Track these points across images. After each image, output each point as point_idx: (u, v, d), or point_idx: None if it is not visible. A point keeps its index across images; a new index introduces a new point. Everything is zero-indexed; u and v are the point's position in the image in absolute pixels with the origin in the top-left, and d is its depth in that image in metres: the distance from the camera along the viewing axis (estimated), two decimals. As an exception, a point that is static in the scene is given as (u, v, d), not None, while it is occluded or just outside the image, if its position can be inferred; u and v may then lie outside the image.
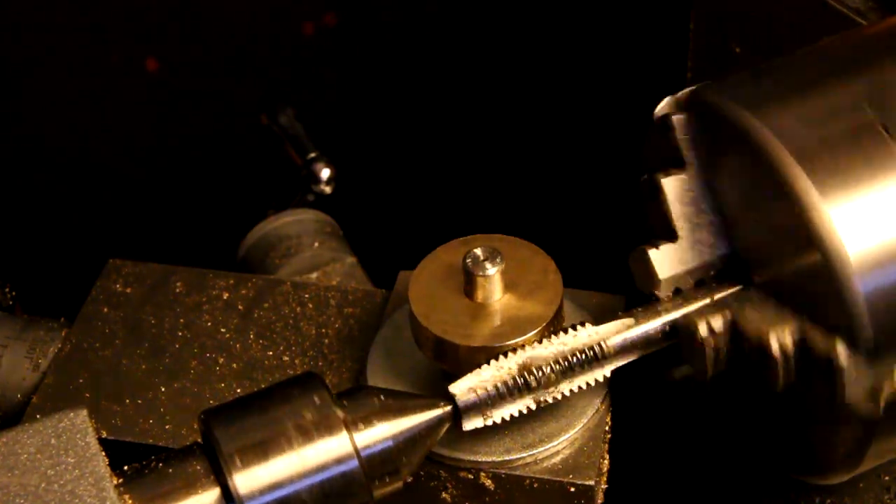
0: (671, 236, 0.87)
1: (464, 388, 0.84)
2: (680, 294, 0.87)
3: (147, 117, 1.65)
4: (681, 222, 0.87)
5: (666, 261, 0.87)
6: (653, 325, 0.87)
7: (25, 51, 1.56)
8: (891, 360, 0.79)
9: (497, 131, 1.74)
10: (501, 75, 1.72)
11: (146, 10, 1.58)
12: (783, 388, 0.83)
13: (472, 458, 0.89)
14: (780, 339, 0.82)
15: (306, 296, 1.05)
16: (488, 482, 0.90)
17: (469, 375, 0.85)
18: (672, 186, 0.87)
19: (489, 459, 0.89)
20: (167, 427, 0.96)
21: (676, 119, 0.87)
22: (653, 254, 0.87)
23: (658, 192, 0.87)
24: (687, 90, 0.88)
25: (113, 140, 1.65)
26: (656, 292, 0.87)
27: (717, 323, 0.85)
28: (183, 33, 1.61)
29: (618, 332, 0.87)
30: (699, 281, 0.88)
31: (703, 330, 0.84)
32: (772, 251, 0.84)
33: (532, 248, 0.93)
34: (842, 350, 0.79)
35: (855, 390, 0.80)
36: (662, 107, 0.89)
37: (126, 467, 0.78)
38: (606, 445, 0.92)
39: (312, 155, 1.39)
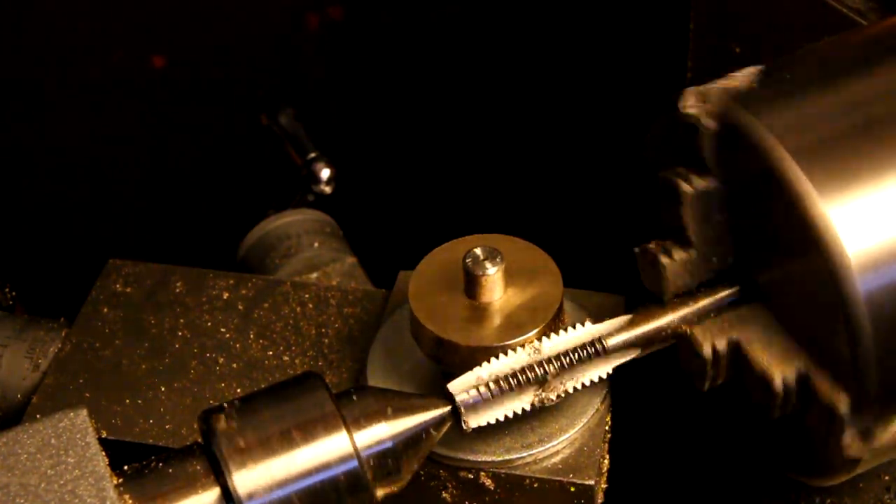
0: (684, 243, 0.86)
1: (463, 387, 0.84)
2: (681, 294, 0.87)
3: (147, 118, 1.65)
4: (697, 236, 0.86)
5: (677, 272, 0.86)
6: (654, 325, 0.87)
7: (27, 50, 1.56)
8: (890, 362, 0.79)
9: (497, 131, 1.74)
10: (502, 75, 1.72)
11: (151, 6, 1.58)
12: (779, 417, 0.84)
13: (472, 458, 0.89)
14: (785, 377, 0.83)
15: (306, 296, 1.05)
16: (488, 482, 0.90)
17: (468, 374, 0.85)
18: (692, 197, 0.85)
19: (489, 459, 0.89)
20: (167, 427, 0.96)
21: (708, 126, 0.85)
22: (666, 263, 0.86)
23: (678, 201, 0.86)
24: (717, 91, 0.85)
25: (113, 140, 1.65)
26: (662, 297, 0.87)
27: (721, 344, 0.85)
28: (184, 31, 1.61)
29: (618, 330, 0.87)
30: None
31: (706, 350, 0.85)
32: (773, 252, 0.84)
33: (532, 247, 0.93)
34: (844, 401, 0.80)
35: (850, 435, 0.81)
36: (690, 103, 0.87)
37: (126, 467, 0.78)
38: (606, 445, 0.92)
39: (312, 155, 1.39)
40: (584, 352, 0.86)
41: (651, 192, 0.91)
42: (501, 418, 0.85)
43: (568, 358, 0.85)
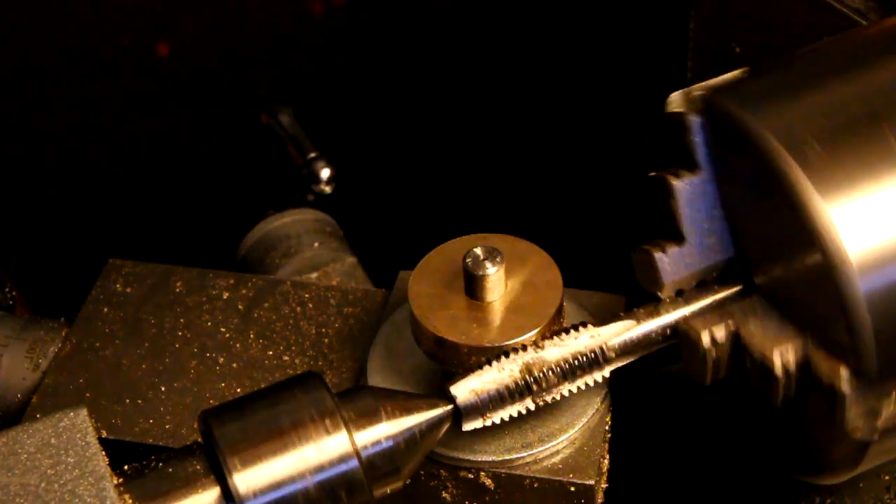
0: (677, 238, 0.86)
1: (465, 390, 0.84)
2: (681, 294, 0.87)
3: (147, 119, 1.65)
4: (689, 226, 0.86)
5: (672, 264, 0.86)
6: (654, 325, 0.87)
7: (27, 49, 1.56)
8: (891, 363, 0.79)
9: (498, 131, 1.74)
10: (502, 75, 1.72)
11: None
12: (782, 404, 0.83)
13: (472, 457, 0.89)
14: (784, 357, 0.82)
15: (306, 296, 1.05)
16: (488, 482, 0.90)
17: (470, 376, 0.85)
18: (682, 189, 0.86)
19: (489, 459, 0.89)
20: (167, 427, 0.96)
21: (692, 120, 0.85)
22: (659, 257, 0.86)
23: (668, 194, 0.86)
24: (699, 89, 0.87)
25: (113, 141, 1.65)
26: (659, 293, 0.87)
27: (720, 333, 0.84)
28: (186, 24, 1.61)
29: (619, 334, 0.86)
30: (700, 281, 0.88)
31: (705, 340, 0.84)
32: (773, 252, 0.83)
33: (532, 247, 0.93)
34: (845, 377, 0.79)
35: (854, 414, 0.80)
36: (674, 103, 0.87)
37: (126, 467, 0.78)
38: (606, 445, 0.92)
39: (312, 155, 1.39)
40: (586, 358, 0.86)
41: (649, 192, 0.91)
42: (505, 419, 0.85)
43: (569, 364, 0.85)
